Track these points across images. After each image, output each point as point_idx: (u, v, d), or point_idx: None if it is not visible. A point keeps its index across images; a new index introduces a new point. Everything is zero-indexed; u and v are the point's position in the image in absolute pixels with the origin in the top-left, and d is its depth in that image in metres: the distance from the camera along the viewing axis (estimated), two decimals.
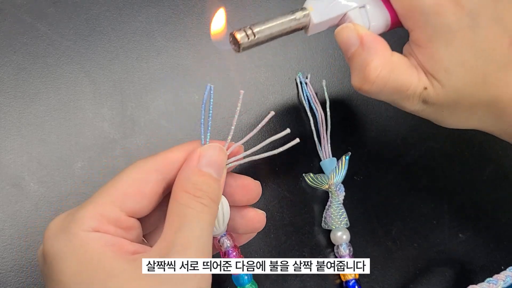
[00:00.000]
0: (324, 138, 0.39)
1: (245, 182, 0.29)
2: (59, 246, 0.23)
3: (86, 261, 0.22)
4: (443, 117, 0.31)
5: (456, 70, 0.28)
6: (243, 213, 0.29)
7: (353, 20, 0.29)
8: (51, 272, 0.23)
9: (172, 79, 0.40)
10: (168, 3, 0.42)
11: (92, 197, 0.24)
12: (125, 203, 0.24)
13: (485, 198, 0.41)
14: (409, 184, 0.40)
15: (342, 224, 0.36)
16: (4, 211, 0.34)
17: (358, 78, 0.29)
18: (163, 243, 0.23)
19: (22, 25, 0.39)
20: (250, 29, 0.28)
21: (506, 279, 0.30)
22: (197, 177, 0.25)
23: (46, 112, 0.37)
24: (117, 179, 0.25)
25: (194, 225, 0.23)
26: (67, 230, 0.23)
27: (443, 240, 0.39)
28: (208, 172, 0.25)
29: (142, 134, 0.37)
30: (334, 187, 0.37)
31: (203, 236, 0.24)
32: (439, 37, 0.27)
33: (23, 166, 0.35)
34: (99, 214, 0.23)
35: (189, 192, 0.24)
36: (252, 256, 0.36)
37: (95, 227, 0.23)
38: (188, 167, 0.25)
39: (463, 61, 0.28)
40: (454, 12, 0.27)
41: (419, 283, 0.37)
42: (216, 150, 0.26)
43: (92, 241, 0.22)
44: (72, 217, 0.23)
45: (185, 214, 0.24)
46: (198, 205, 0.24)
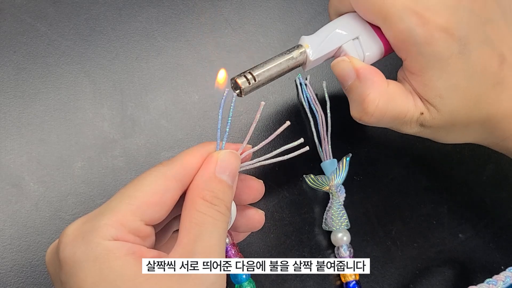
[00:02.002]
0: (324, 140, 0.39)
1: (249, 181, 0.29)
2: (80, 254, 0.22)
3: (108, 270, 0.22)
4: (440, 136, 0.32)
5: (450, 96, 0.29)
6: (244, 212, 0.29)
7: (348, 52, 0.30)
8: (70, 280, 0.22)
9: (172, 79, 0.40)
10: (168, 3, 0.42)
11: (111, 204, 0.24)
12: (145, 213, 0.24)
13: (485, 198, 0.41)
14: (409, 184, 0.40)
15: (343, 226, 0.36)
16: (4, 211, 0.34)
17: (357, 110, 0.30)
18: (181, 251, 0.23)
19: (22, 25, 0.39)
20: (250, 74, 0.29)
21: (505, 279, 0.30)
22: (214, 184, 0.25)
23: (46, 112, 0.37)
24: (137, 186, 0.24)
25: (213, 234, 0.24)
26: (88, 238, 0.23)
27: (443, 240, 0.39)
28: (224, 179, 0.25)
29: (142, 134, 0.37)
30: (335, 189, 0.37)
31: (221, 244, 0.24)
32: (432, 65, 0.28)
33: (23, 166, 0.35)
34: (120, 223, 0.23)
35: (207, 200, 0.24)
36: (252, 256, 0.36)
37: (115, 236, 0.23)
38: (206, 174, 0.25)
39: (456, 86, 0.29)
40: (444, 40, 0.28)
41: (419, 283, 0.37)
42: (232, 157, 0.26)
43: (114, 250, 0.22)
44: (91, 224, 0.23)
45: (203, 222, 0.24)
46: (215, 213, 0.24)
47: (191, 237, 0.23)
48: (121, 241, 0.23)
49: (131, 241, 0.23)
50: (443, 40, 0.28)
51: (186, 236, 0.24)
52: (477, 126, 0.31)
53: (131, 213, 0.23)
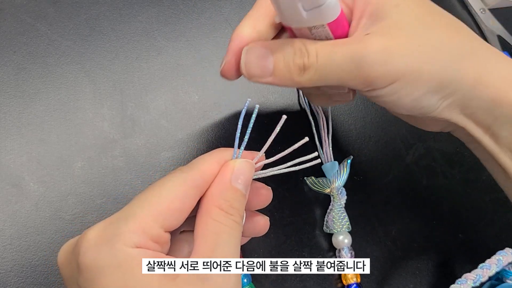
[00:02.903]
0: (325, 142, 0.39)
1: (259, 188, 0.29)
2: (103, 259, 0.22)
3: (132, 278, 0.22)
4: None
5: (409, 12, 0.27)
6: (251, 218, 0.29)
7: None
8: (91, 286, 0.22)
9: (172, 79, 0.40)
10: (168, 3, 0.42)
11: (132, 209, 0.24)
12: (166, 220, 0.24)
13: (485, 198, 0.41)
14: (409, 184, 0.40)
15: (344, 228, 0.36)
16: (4, 211, 0.34)
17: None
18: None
19: (22, 25, 0.39)
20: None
21: (498, 262, 0.31)
22: (230, 193, 0.25)
23: (46, 112, 0.37)
24: (158, 192, 0.24)
25: (229, 243, 0.24)
26: (111, 245, 0.22)
27: (443, 240, 0.39)
28: (239, 188, 0.25)
29: (142, 134, 0.37)
30: (336, 191, 0.37)
31: (237, 252, 0.24)
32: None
33: (23, 166, 0.35)
34: (142, 230, 0.23)
35: (223, 209, 0.24)
36: (252, 256, 0.36)
37: (138, 243, 0.23)
38: (222, 182, 0.25)
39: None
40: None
41: (419, 283, 0.37)
42: (247, 166, 0.26)
43: (137, 258, 0.22)
44: (114, 230, 0.23)
45: (220, 232, 0.24)
46: (231, 223, 0.24)
47: (208, 246, 0.24)
48: (144, 248, 0.23)
49: (152, 249, 0.23)
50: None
51: (202, 245, 0.24)
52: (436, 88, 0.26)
53: (152, 219, 0.23)
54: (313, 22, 0.25)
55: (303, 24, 0.25)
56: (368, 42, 0.25)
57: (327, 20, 0.25)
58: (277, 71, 0.27)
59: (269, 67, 0.27)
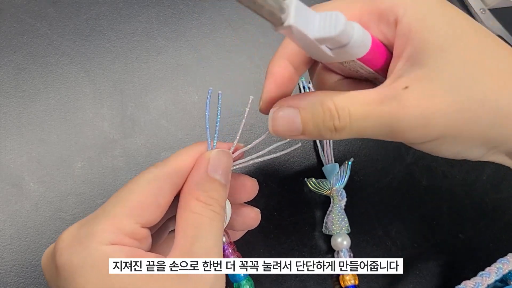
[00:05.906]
0: (326, 143, 0.39)
1: (243, 180, 0.29)
2: (77, 260, 0.22)
3: (107, 275, 0.22)
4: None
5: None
6: (239, 211, 0.29)
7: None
8: (68, 285, 0.22)
9: (172, 79, 0.40)
10: (168, 3, 0.42)
11: (106, 208, 0.24)
12: (141, 215, 0.24)
13: (485, 198, 0.41)
14: (409, 184, 0.40)
15: (343, 230, 0.36)
16: (4, 211, 0.34)
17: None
18: (179, 253, 0.23)
19: (22, 25, 0.39)
20: None
21: (498, 271, 0.31)
22: (207, 184, 0.25)
23: (46, 112, 0.37)
24: (131, 189, 0.24)
25: (209, 234, 0.24)
26: (85, 244, 0.22)
27: (443, 240, 0.39)
28: (217, 178, 0.25)
29: (142, 134, 0.37)
30: (336, 193, 0.37)
31: (218, 244, 0.24)
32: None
33: (23, 166, 0.35)
34: (116, 227, 0.23)
35: (201, 200, 0.24)
36: (252, 256, 0.36)
37: (112, 240, 0.23)
38: (198, 174, 0.25)
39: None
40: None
41: (419, 283, 0.37)
42: (224, 156, 0.26)
43: (112, 255, 0.22)
44: (87, 229, 0.23)
45: (199, 224, 0.24)
46: (210, 213, 0.24)
47: (188, 239, 0.23)
48: (118, 245, 0.23)
49: (128, 245, 0.23)
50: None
51: (183, 238, 0.24)
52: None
53: (126, 216, 0.23)
54: (342, 58, 0.24)
55: (333, 60, 0.24)
56: (404, 103, 0.23)
57: (355, 56, 0.23)
58: (307, 131, 0.25)
59: (298, 128, 0.25)
